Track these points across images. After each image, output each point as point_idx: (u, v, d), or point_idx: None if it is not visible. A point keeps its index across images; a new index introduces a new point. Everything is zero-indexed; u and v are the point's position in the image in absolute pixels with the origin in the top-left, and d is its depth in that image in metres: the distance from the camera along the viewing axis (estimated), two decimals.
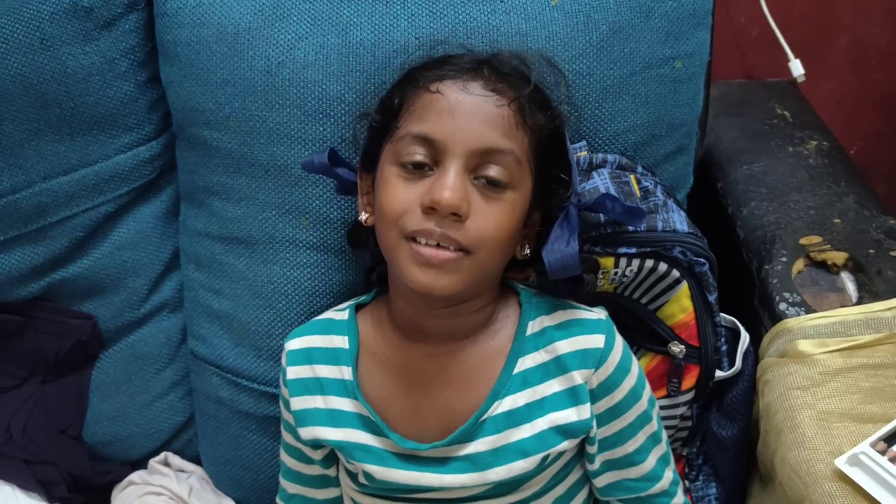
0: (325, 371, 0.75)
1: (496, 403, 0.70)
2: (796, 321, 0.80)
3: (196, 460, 1.02)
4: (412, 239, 0.65)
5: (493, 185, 0.66)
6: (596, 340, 0.70)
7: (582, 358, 0.70)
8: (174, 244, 0.97)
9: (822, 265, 0.86)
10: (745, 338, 0.84)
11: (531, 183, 0.69)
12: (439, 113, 0.66)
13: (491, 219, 0.65)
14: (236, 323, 0.91)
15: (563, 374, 0.70)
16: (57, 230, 0.91)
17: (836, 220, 0.90)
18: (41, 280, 0.93)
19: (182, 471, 1.00)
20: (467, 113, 0.65)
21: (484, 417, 0.70)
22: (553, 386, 0.70)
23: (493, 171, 0.66)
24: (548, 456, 0.70)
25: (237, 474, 0.96)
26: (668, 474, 0.76)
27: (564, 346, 0.70)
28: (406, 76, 0.72)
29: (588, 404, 0.70)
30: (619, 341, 0.72)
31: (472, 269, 0.65)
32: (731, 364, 0.84)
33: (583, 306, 0.74)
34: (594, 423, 0.70)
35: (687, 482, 0.87)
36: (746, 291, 0.89)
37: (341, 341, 0.76)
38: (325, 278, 0.87)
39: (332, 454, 0.78)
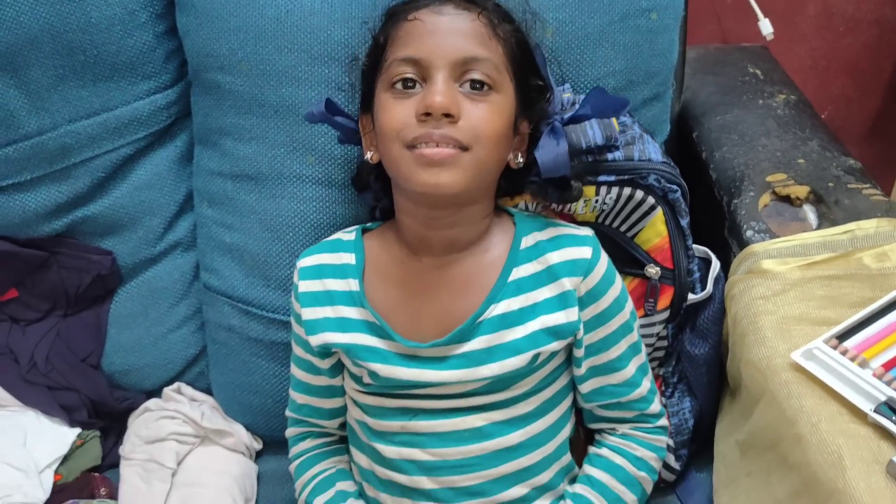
0: (334, 284, 0.83)
1: (492, 307, 0.78)
2: (761, 245, 0.88)
3: (207, 392, 1.09)
4: (413, 147, 0.73)
5: (478, 89, 0.73)
6: (584, 252, 0.78)
7: (571, 267, 0.77)
8: (188, 187, 1.05)
9: (787, 199, 0.94)
10: (715, 264, 0.92)
11: (513, 89, 0.76)
12: (420, 36, 0.74)
13: (481, 117, 0.73)
14: (247, 255, 0.98)
15: (553, 282, 0.78)
16: (80, 170, 0.99)
17: (800, 161, 0.98)
18: (64, 217, 1.00)
19: (194, 400, 1.07)
20: (444, 31, 0.73)
21: (480, 319, 0.77)
22: (544, 293, 0.78)
23: (476, 75, 0.73)
24: (538, 355, 0.77)
25: (246, 399, 1.03)
26: (646, 384, 0.83)
27: (555, 257, 0.78)
28: (387, 15, 0.79)
29: (576, 308, 0.77)
30: (605, 256, 0.80)
31: (471, 165, 0.73)
32: (703, 289, 0.92)
33: (572, 225, 0.82)
34: (581, 327, 0.78)
35: (663, 399, 0.94)
36: (718, 225, 0.97)
37: (349, 258, 0.83)
38: (330, 211, 0.94)
39: (338, 364, 0.85)
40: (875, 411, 0.69)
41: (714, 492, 0.88)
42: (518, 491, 0.79)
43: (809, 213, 0.93)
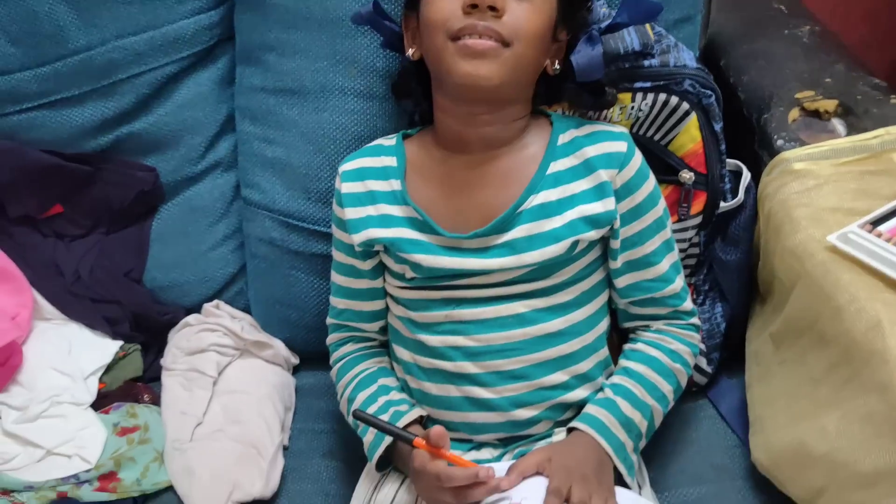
0: (376, 185, 0.85)
1: (531, 197, 0.80)
2: (792, 152, 0.90)
3: (245, 311, 1.11)
4: (457, 38, 0.75)
5: None
6: (620, 146, 0.81)
7: (608, 159, 0.80)
8: (228, 107, 1.07)
9: (815, 114, 0.96)
10: (746, 174, 0.94)
11: None
12: None
13: (524, 16, 0.76)
14: (288, 169, 1.01)
15: (590, 174, 0.80)
16: (126, 86, 1.02)
17: (828, 80, 1.01)
18: (110, 133, 1.03)
19: (233, 317, 1.09)
20: None
21: (520, 209, 0.80)
22: (582, 185, 0.80)
23: None
24: (577, 242, 0.79)
25: (285, 313, 1.05)
26: (679, 281, 0.86)
27: (592, 151, 0.81)
28: None
29: (613, 199, 0.80)
30: (639, 152, 0.83)
31: (510, 59, 0.76)
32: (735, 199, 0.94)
33: (607, 123, 0.84)
34: (618, 217, 0.80)
35: (696, 307, 0.97)
36: (748, 141, 0.99)
37: (390, 160, 0.86)
38: (370, 124, 0.97)
39: (378, 266, 0.88)
40: None
41: (747, 389, 0.90)
42: (559, 377, 0.81)
43: (838, 125, 0.95)
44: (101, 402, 0.99)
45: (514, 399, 0.81)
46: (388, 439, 0.81)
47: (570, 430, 0.80)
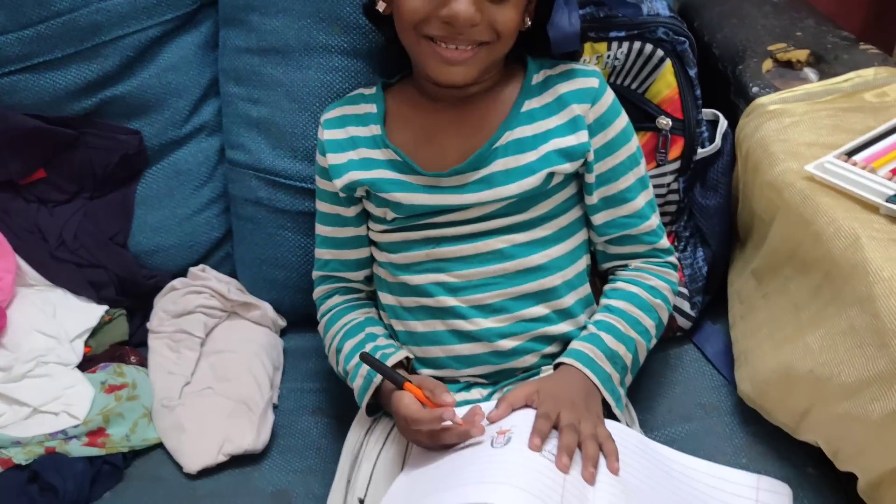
0: (357, 131, 0.87)
1: (507, 133, 0.82)
2: (768, 97, 0.93)
3: (231, 276, 1.11)
4: (431, 39, 0.77)
5: None
6: (592, 82, 0.83)
7: (580, 94, 0.82)
8: (212, 72, 1.08)
9: (788, 64, 0.99)
10: (723, 122, 0.97)
11: None
12: None
13: (501, 18, 0.76)
14: (273, 127, 1.01)
15: (563, 109, 0.82)
16: (109, 49, 1.02)
17: (798, 33, 1.04)
18: (93, 97, 1.03)
19: (219, 280, 1.09)
20: None
21: (496, 145, 0.82)
22: (555, 120, 0.82)
23: None
24: (552, 175, 0.81)
25: (272, 274, 1.06)
26: (655, 219, 0.87)
27: (564, 87, 0.83)
28: None
29: (585, 132, 0.82)
30: (611, 90, 0.85)
31: (488, 56, 0.78)
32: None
33: (580, 63, 0.87)
34: (591, 149, 0.82)
35: (677, 254, 0.98)
36: (723, 92, 1.02)
37: (370, 108, 0.87)
38: (354, 81, 0.98)
39: (363, 213, 0.89)
40: (887, 202, 0.73)
41: (731, 328, 0.92)
42: (540, 310, 0.83)
43: (810, 73, 0.98)
44: (87, 365, 0.98)
45: (497, 331, 0.82)
46: (375, 383, 0.82)
47: (556, 367, 0.81)
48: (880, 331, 0.65)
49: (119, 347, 1.02)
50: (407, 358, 0.85)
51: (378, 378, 0.81)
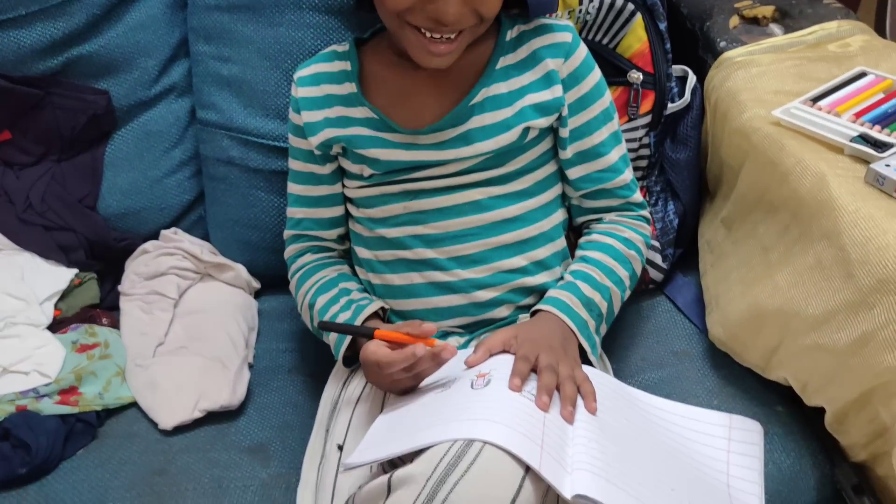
0: (332, 89, 0.86)
1: (483, 90, 0.82)
2: (735, 51, 0.95)
3: (204, 240, 1.10)
4: (417, 27, 0.76)
5: None
6: (565, 36, 0.83)
7: (554, 49, 0.83)
8: (182, 31, 1.07)
9: (754, 20, 1.01)
10: (692, 77, 0.98)
11: None
12: None
13: (486, 4, 0.76)
14: (245, 86, 1.00)
15: (538, 64, 0.83)
16: (75, 6, 1.00)
17: None
18: (59, 55, 1.01)
19: (192, 243, 1.08)
20: None
21: (472, 102, 0.82)
22: (530, 76, 0.83)
23: None
24: (528, 129, 0.82)
25: (245, 235, 1.05)
26: (628, 173, 0.88)
27: (538, 42, 0.83)
28: None
29: (559, 86, 0.82)
30: (584, 45, 0.85)
31: (471, 36, 0.78)
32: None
33: (553, 18, 0.87)
34: (566, 104, 0.83)
35: (649, 208, 1.00)
36: (691, 49, 1.03)
37: (344, 65, 0.87)
38: (327, 38, 0.98)
39: (337, 171, 0.88)
40: (851, 142, 0.75)
41: (702, 277, 0.93)
42: (517, 261, 0.83)
43: (776, 29, 1.00)
44: (58, 327, 0.96)
45: (475, 282, 0.82)
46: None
47: (533, 315, 0.82)
48: (846, 262, 0.67)
49: (90, 310, 1.00)
50: (383, 309, 0.85)
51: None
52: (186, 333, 0.97)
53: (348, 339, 0.82)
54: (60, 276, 1.01)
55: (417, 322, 0.75)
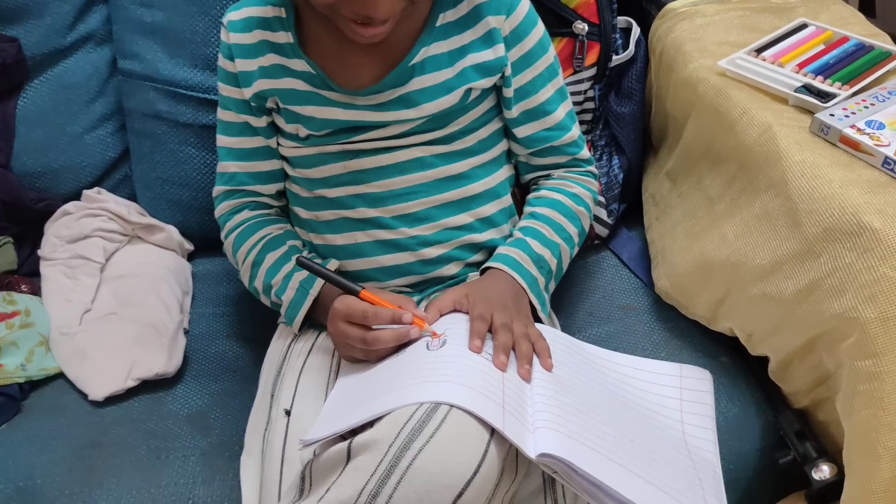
0: (266, 35, 0.81)
1: (422, 50, 0.78)
2: (679, 2, 0.94)
3: (131, 200, 1.04)
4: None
5: None
6: None
7: (495, 6, 0.79)
8: None
9: None
10: (636, 29, 0.97)
11: None
12: None
13: None
14: (171, 34, 0.94)
15: (479, 22, 0.79)
16: None
17: None
18: None
19: (118, 203, 1.01)
20: None
21: (412, 62, 0.78)
22: (470, 35, 0.79)
23: None
24: (470, 91, 0.79)
25: (176, 195, 0.99)
26: (576, 130, 0.87)
27: None
28: None
29: (502, 45, 0.79)
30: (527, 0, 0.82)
31: (405, 12, 0.73)
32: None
33: None
34: (509, 64, 0.80)
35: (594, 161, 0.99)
36: (635, 1, 1.02)
37: (278, 11, 0.81)
38: None
39: (273, 124, 0.83)
40: (795, 92, 0.75)
41: (647, 231, 0.94)
42: (463, 218, 0.81)
43: None
44: None
45: (421, 238, 0.80)
46: (313, 294, 0.78)
47: (483, 272, 0.81)
48: (793, 211, 0.67)
49: (7, 276, 0.93)
50: (337, 270, 0.82)
51: (315, 288, 0.78)
52: (116, 299, 0.92)
53: (310, 298, 0.78)
54: None
55: (406, 297, 0.73)
